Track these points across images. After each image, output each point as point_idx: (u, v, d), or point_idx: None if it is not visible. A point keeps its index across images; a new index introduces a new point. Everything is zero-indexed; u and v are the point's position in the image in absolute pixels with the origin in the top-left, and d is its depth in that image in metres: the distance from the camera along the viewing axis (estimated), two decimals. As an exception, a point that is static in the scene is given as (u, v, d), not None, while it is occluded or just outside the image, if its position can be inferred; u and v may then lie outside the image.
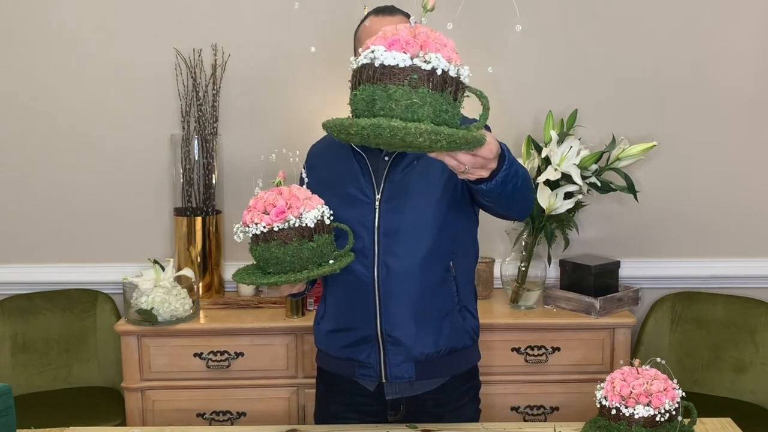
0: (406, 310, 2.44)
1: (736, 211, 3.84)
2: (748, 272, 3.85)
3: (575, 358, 3.44)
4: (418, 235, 2.43)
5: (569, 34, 3.71)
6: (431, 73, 1.60)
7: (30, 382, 3.70)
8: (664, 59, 3.72)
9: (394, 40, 1.60)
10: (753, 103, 3.75)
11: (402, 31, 1.62)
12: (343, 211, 2.43)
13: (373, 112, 1.60)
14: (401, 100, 1.57)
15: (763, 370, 3.61)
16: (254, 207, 2.05)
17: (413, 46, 1.60)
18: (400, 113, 1.57)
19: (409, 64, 1.58)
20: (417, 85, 1.58)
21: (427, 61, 1.59)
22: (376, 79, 1.60)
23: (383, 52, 1.59)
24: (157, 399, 3.40)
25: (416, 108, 1.57)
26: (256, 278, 2.05)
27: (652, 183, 3.77)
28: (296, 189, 2.11)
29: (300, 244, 2.01)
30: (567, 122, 3.52)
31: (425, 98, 1.58)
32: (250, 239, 2.07)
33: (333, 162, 2.54)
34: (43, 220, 3.81)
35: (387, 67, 1.58)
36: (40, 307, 3.77)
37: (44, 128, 3.74)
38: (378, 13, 2.47)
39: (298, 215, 2.02)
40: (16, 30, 3.67)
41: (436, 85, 1.60)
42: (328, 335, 2.51)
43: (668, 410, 2.10)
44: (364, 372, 2.49)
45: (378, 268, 2.42)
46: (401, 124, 1.54)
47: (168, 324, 3.34)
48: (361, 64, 1.64)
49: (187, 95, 3.65)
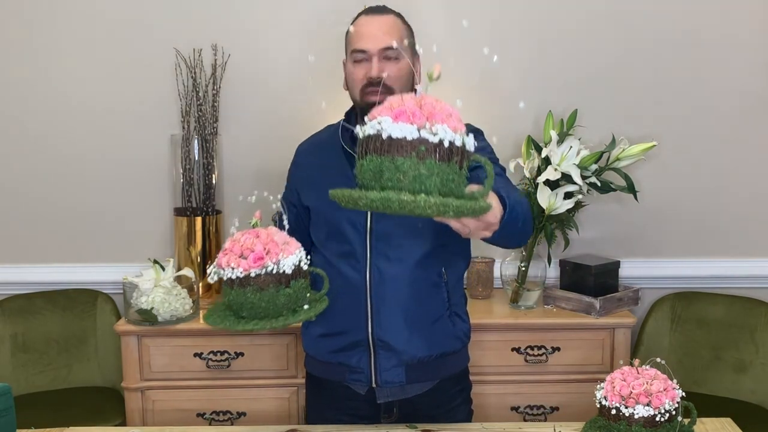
0: (398, 314, 2.44)
1: (736, 211, 3.84)
2: (748, 272, 3.85)
3: (575, 358, 3.44)
4: (411, 240, 2.42)
5: (569, 34, 3.70)
6: (438, 145, 1.59)
7: (30, 382, 3.70)
8: (664, 61, 3.71)
9: (400, 112, 1.59)
10: (752, 103, 3.75)
11: (408, 102, 1.62)
12: (335, 213, 2.43)
13: (381, 183, 1.60)
14: (409, 171, 1.57)
15: (763, 370, 3.61)
16: (231, 250, 1.98)
17: (420, 118, 1.59)
18: (408, 185, 1.57)
19: (417, 136, 1.58)
20: (424, 156, 1.58)
21: (434, 133, 1.58)
22: (383, 151, 1.59)
23: (390, 123, 1.58)
24: (157, 399, 3.40)
25: (424, 179, 1.57)
26: (230, 323, 1.99)
27: (652, 183, 3.77)
28: (274, 232, 2.04)
29: (276, 290, 1.95)
30: (567, 122, 3.52)
31: (432, 169, 1.58)
32: (225, 282, 2.01)
33: (323, 161, 2.54)
34: (42, 220, 3.81)
35: (394, 140, 1.58)
36: (40, 307, 3.77)
37: (43, 128, 3.74)
38: (369, 13, 2.46)
39: (276, 261, 1.95)
40: (17, 29, 3.67)
41: (443, 156, 1.59)
42: (317, 339, 2.50)
43: (668, 410, 2.10)
44: (355, 377, 2.50)
45: (370, 272, 2.43)
46: (410, 198, 1.54)
47: (168, 324, 3.33)
48: (368, 134, 1.63)
49: (187, 95, 3.65)
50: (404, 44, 2.41)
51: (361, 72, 2.41)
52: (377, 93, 2.29)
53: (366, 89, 2.40)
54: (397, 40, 2.39)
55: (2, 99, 3.72)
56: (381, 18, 2.43)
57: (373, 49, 2.38)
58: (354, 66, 2.43)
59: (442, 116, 1.61)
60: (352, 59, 2.43)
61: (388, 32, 2.39)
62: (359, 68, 2.42)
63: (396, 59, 2.40)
